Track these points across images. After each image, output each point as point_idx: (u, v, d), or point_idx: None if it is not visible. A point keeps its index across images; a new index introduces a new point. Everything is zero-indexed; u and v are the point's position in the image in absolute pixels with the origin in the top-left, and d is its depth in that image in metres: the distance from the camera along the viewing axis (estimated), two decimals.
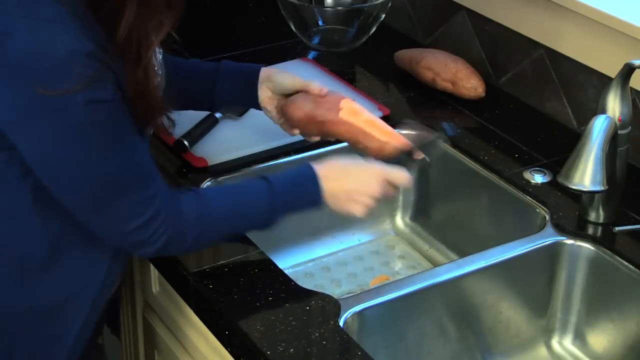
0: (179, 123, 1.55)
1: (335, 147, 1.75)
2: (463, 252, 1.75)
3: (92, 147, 1.24)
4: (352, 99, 1.59)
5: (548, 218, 1.60)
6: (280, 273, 1.46)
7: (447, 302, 1.52)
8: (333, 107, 1.56)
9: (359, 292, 1.53)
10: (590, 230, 1.56)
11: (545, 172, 1.69)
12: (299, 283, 1.44)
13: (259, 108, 1.63)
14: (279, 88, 1.60)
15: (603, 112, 1.50)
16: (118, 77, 1.23)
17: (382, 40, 2.13)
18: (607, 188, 1.44)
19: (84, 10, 1.20)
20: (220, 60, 1.64)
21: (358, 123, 1.55)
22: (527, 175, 1.69)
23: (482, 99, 1.90)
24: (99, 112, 1.22)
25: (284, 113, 1.59)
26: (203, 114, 1.76)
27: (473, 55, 2.00)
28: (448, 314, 1.54)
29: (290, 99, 1.58)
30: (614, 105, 1.50)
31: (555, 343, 1.63)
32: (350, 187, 1.47)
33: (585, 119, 1.58)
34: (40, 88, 1.19)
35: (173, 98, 1.39)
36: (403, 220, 1.89)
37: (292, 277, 1.46)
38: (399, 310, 1.47)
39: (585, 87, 1.79)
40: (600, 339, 1.58)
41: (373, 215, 1.82)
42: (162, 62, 1.40)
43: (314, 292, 1.42)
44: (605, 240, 1.55)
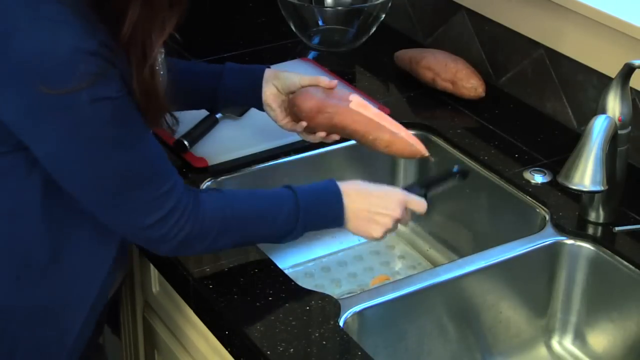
0: (179, 123, 1.55)
1: (335, 147, 1.75)
2: (463, 252, 1.76)
3: (102, 144, 1.24)
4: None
5: (548, 218, 1.60)
6: (280, 273, 1.46)
7: (447, 302, 1.52)
8: (343, 98, 1.57)
9: (359, 292, 1.53)
10: (590, 230, 1.56)
11: (545, 172, 1.69)
12: (299, 283, 1.44)
13: (261, 108, 1.63)
14: (287, 84, 1.59)
15: (603, 112, 1.50)
16: (123, 74, 1.24)
17: (382, 40, 2.13)
18: (607, 188, 1.44)
19: (87, 10, 1.20)
20: (224, 62, 1.64)
21: (368, 114, 1.55)
22: (527, 175, 1.69)
23: (482, 99, 1.90)
24: (106, 109, 1.22)
25: (292, 105, 1.58)
26: (203, 114, 1.76)
27: (473, 55, 2.00)
28: (448, 314, 1.53)
29: (300, 91, 1.58)
30: (614, 105, 1.50)
31: (555, 343, 1.63)
32: (373, 207, 1.46)
33: (585, 119, 1.58)
34: (45, 87, 1.19)
35: (176, 97, 1.38)
36: None
37: (292, 277, 1.45)
38: (399, 310, 1.47)
39: (585, 87, 1.79)
40: (600, 339, 1.58)
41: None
42: (163, 61, 1.40)
43: (314, 292, 1.42)
44: (605, 240, 1.54)
